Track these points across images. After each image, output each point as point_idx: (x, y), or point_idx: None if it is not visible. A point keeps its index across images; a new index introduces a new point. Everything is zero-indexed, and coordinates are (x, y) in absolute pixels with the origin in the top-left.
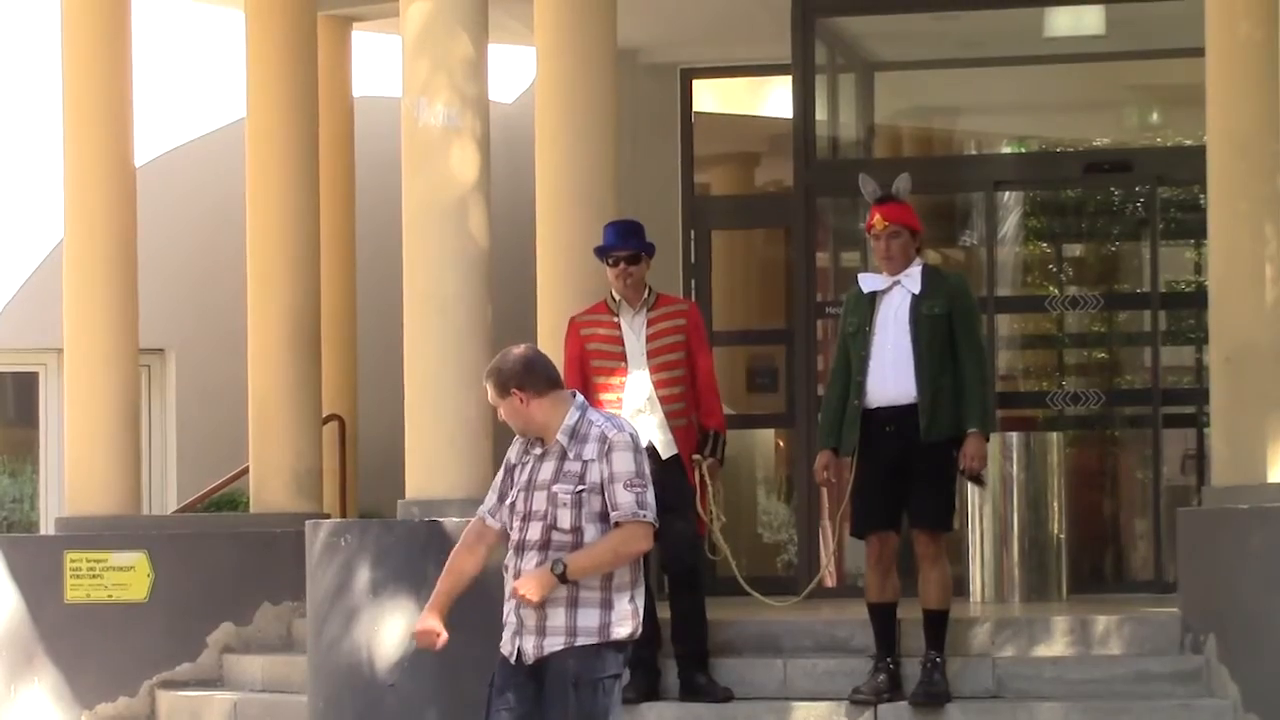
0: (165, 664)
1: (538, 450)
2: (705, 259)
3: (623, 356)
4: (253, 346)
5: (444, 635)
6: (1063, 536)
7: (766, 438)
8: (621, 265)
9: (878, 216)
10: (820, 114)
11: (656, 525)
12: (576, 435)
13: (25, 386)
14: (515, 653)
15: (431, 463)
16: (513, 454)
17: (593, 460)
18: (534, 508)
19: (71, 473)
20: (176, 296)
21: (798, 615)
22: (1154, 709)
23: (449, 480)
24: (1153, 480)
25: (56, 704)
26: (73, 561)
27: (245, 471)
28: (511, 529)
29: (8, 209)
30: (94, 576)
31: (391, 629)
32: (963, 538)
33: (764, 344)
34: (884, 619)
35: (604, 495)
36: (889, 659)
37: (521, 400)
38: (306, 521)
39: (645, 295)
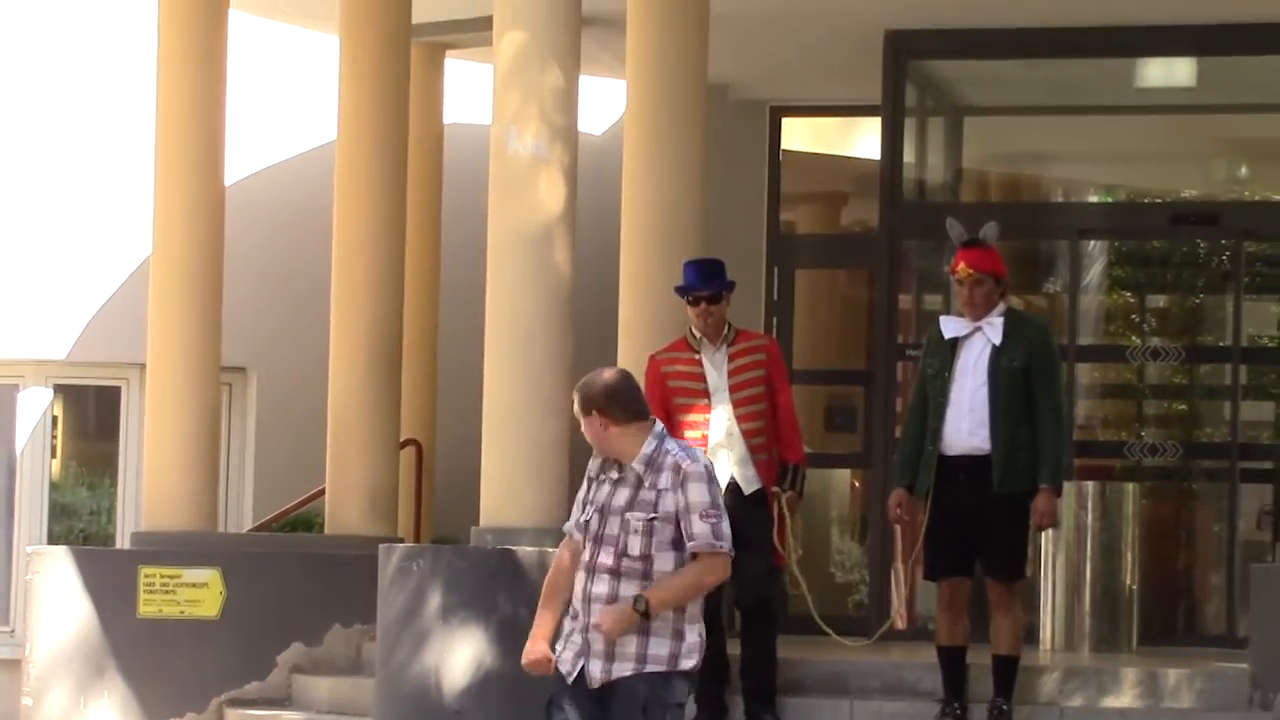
0: (234, 682)
1: (614, 474)
2: (788, 297)
3: (705, 394)
4: (334, 368)
5: (553, 659)
6: (1135, 587)
7: (843, 478)
8: (703, 305)
9: (962, 264)
10: (908, 156)
11: (732, 555)
12: (653, 464)
13: (107, 400)
14: (576, 673)
15: (507, 490)
16: (593, 468)
17: (667, 490)
18: (607, 532)
19: (149, 487)
20: (260, 316)
21: (867, 656)
22: None
23: (524, 508)
24: (1228, 534)
25: (125, 718)
26: (146, 576)
27: (321, 493)
28: (584, 548)
29: (97, 221)
30: (167, 592)
31: (461, 655)
32: (1034, 585)
33: (843, 384)
34: (953, 663)
35: (678, 525)
36: (956, 704)
37: (602, 424)
38: (380, 545)
39: (725, 331)
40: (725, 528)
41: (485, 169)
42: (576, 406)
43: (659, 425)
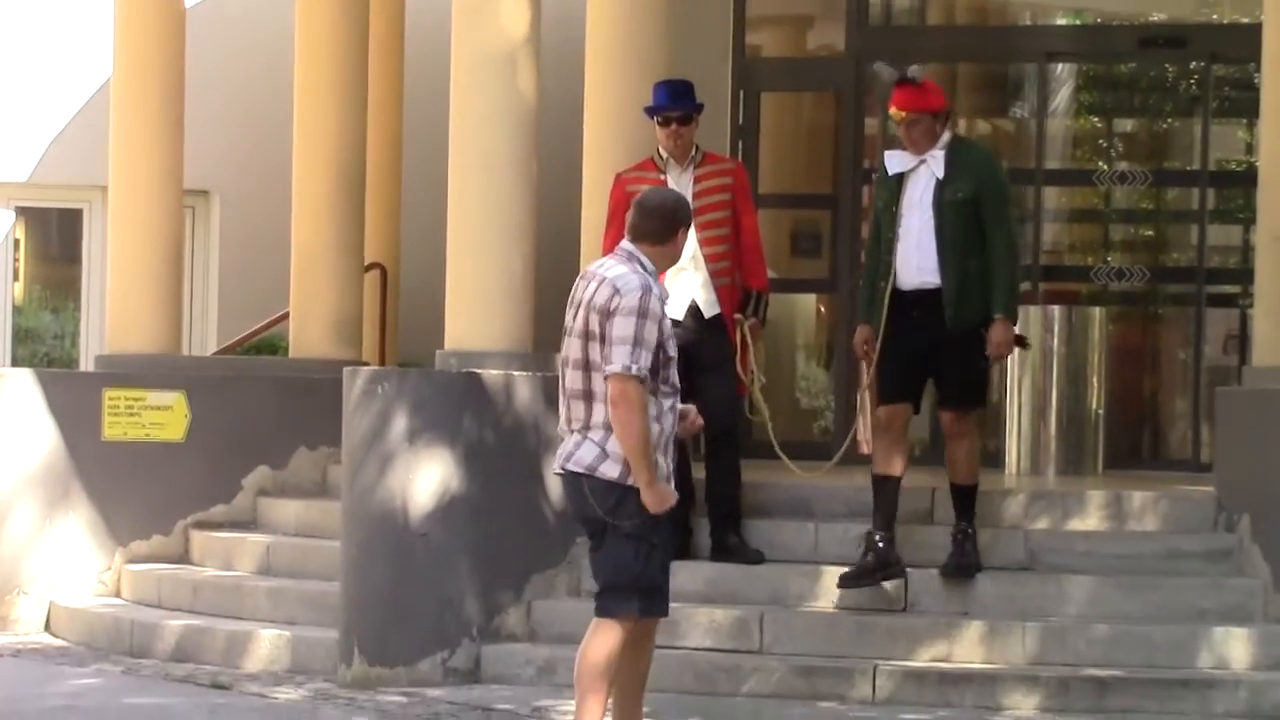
0: (200, 505)
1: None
2: (753, 121)
3: None
4: (297, 193)
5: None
6: (1101, 412)
7: (808, 303)
8: (673, 125)
9: (893, 106)
10: None
11: None
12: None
13: (69, 223)
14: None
15: (472, 315)
16: (659, 308)
17: None
18: (673, 353)
19: (113, 311)
20: (222, 140)
21: (831, 480)
22: (1185, 586)
23: (488, 333)
24: (1194, 359)
25: (91, 540)
26: (111, 399)
27: (285, 316)
28: (676, 379)
29: (57, 42)
30: (132, 415)
31: (427, 478)
32: (1000, 410)
33: (809, 208)
34: (884, 491)
35: None
36: (882, 534)
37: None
38: (345, 368)
39: (693, 154)
40: None
41: None
42: (678, 224)
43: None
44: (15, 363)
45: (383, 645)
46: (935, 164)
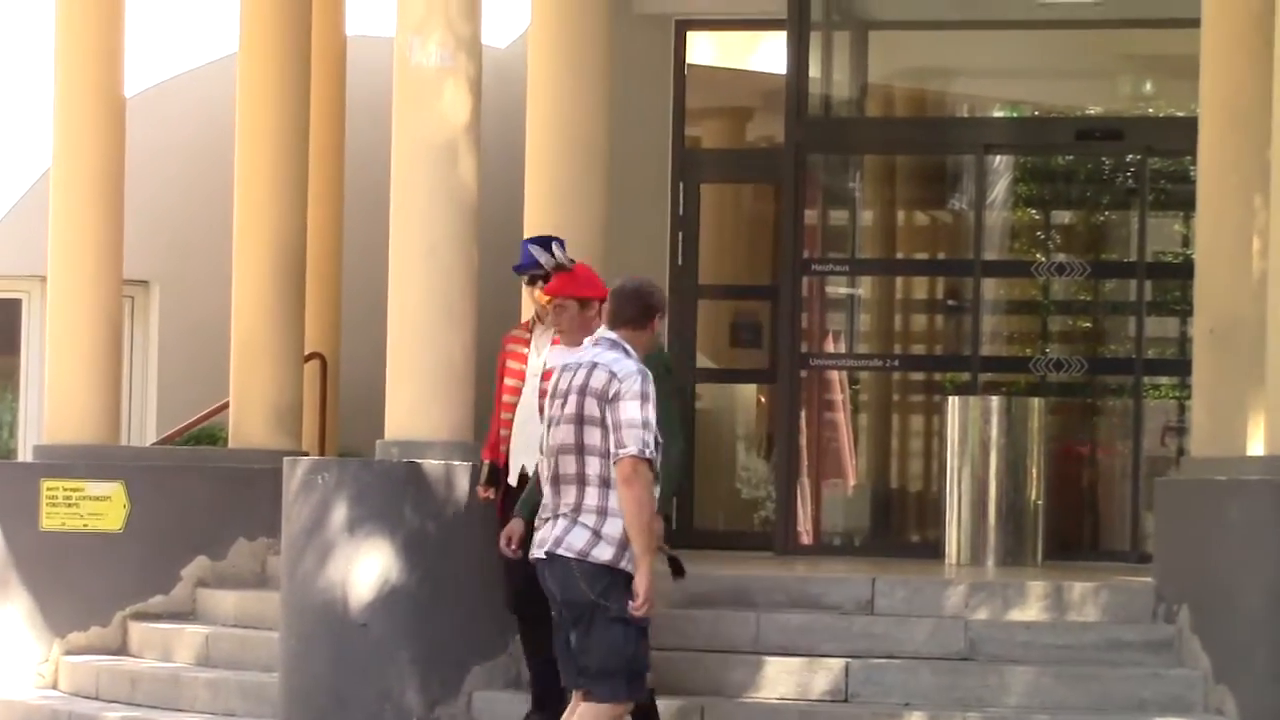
0: (139, 595)
1: None
2: (694, 212)
3: (522, 375)
4: (237, 282)
5: None
6: (1040, 502)
7: (748, 393)
8: (535, 285)
9: (538, 291)
10: (814, 71)
11: None
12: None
13: (8, 313)
14: None
15: (413, 404)
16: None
17: None
18: None
19: (51, 401)
20: (162, 229)
21: (772, 570)
22: (1125, 677)
23: (430, 422)
24: (1132, 450)
25: (30, 630)
26: (49, 489)
27: (225, 406)
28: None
29: None
30: (70, 505)
31: (367, 569)
32: (939, 500)
33: (749, 299)
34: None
35: None
36: None
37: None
38: (284, 458)
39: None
40: None
41: (389, 81)
42: (654, 309)
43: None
44: None
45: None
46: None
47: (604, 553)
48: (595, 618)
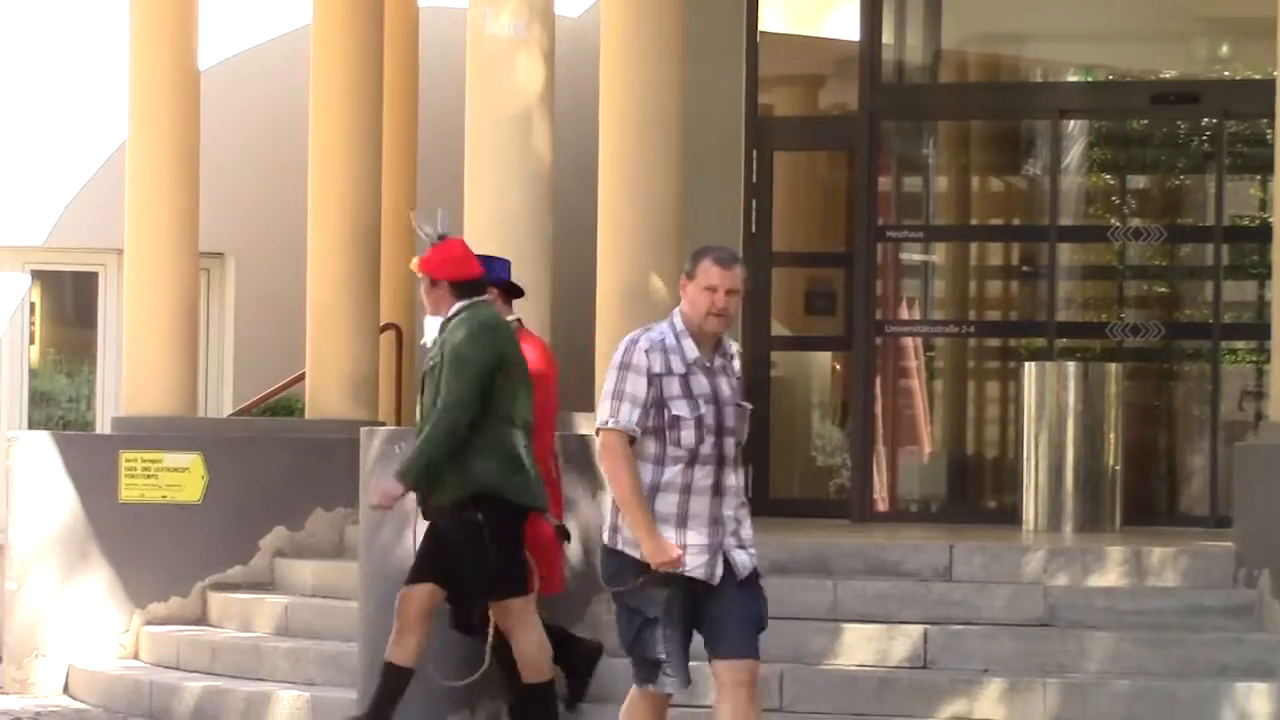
0: (217, 566)
1: (707, 362)
2: (767, 180)
3: None
4: (312, 253)
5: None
6: (1118, 468)
7: (823, 361)
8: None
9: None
10: (887, 37)
11: None
12: (725, 353)
13: (85, 286)
14: (719, 573)
15: None
16: (658, 364)
17: (740, 377)
18: (727, 423)
19: (129, 373)
20: (237, 202)
21: (849, 538)
22: (1205, 642)
23: None
24: (1210, 415)
25: (110, 602)
26: (128, 461)
27: (301, 377)
28: (694, 441)
29: (74, 106)
30: (149, 477)
31: None
32: (1017, 467)
33: (824, 266)
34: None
35: None
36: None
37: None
38: (361, 428)
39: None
40: None
41: (463, 52)
42: (739, 276)
43: None
44: (31, 426)
45: (402, 705)
46: (432, 333)
47: (608, 535)
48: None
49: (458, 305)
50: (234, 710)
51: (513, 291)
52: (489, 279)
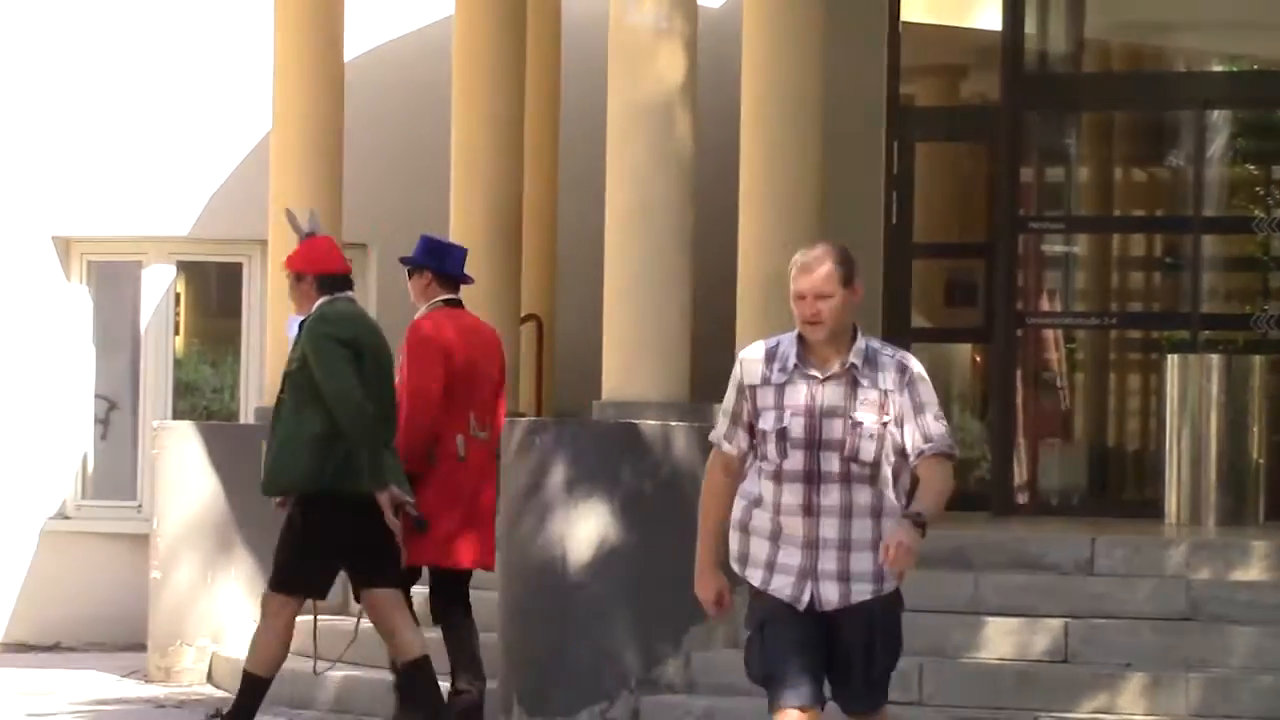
0: None
1: (812, 371)
2: (908, 170)
3: None
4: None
5: (728, 592)
6: (1261, 461)
7: (963, 353)
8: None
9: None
10: (1029, 26)
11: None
12: (871, 361)
13: (229, 277)
14: (805, 599)
15: (629, 364)
16: (754, 375)
17: (893, 391)
18: (827, 436)
19: (272, 364)
20: (380, 193)
21: (989, 530)
22: None
23: (645, 383)
24: None
25: (252, 591)
26: None
27: None
28: (777, 456)
29: (218, 98)
30: None
31: (585, 529)
32: (1159, 459)
33: (964, 258)
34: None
35: (902, 429)
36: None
37: (856, 300)
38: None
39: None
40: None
41: (604, 41)
42: (837, 277)
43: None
44: (175, 416)
45: (541, 697)
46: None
47: None
48: None
49: (319, 302)
50: (373, 699)
51: (457, 277)
52: (424, 262)
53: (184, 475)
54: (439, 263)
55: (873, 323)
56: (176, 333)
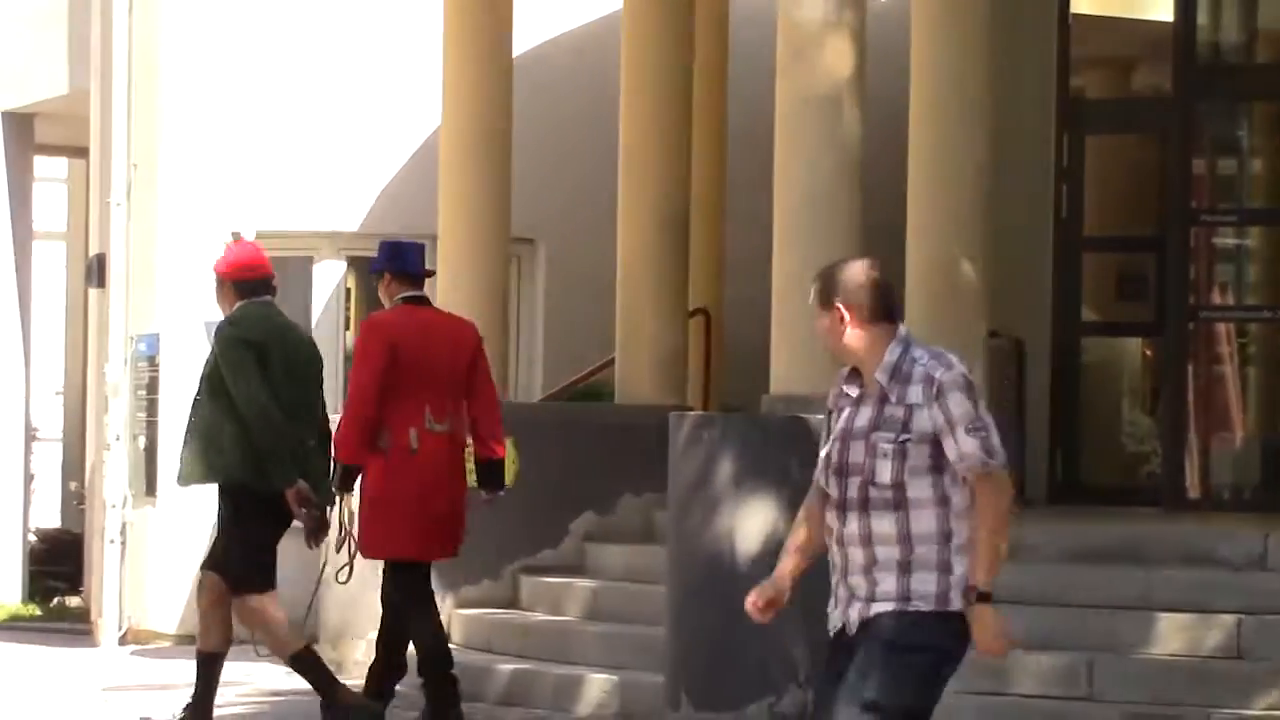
0: (528, 550)
1: (853, 390)
2: (1078, 164)
3: None
4: (622, 237)
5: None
6: None
7: (1133, 346)
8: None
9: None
10: (1201, 17)
11: (1009, 469)
12: (898, 375)
13: None
14: (840, 627)
15: (797, 359)
16: (830, 400)
17: (919, 405)
18: (851, 459)
19: None
20: (548, 187)
21: (1160, 525)
22: None
23: (815, 376)
24: None
25: None
26: None
27: (611, 362)
28: (829, 486)
29: (387, 93)
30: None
31: (753, 523)
32: None
33: (1134, 251)
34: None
35: (936, 445)
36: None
37: (843, 319)
38: (670, 413)
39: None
40: (996, 440)
41: (773, 33)
42: (813, 296)
43: (904, 329)
44: None
45: (709, 690)
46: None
47: None
48: None
49: (237, 305)
50: (544, 693)
51: (415, 274)
52: (381, 265)
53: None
54: (397, 263)
55: (1042, 317)
56: (347, 328)
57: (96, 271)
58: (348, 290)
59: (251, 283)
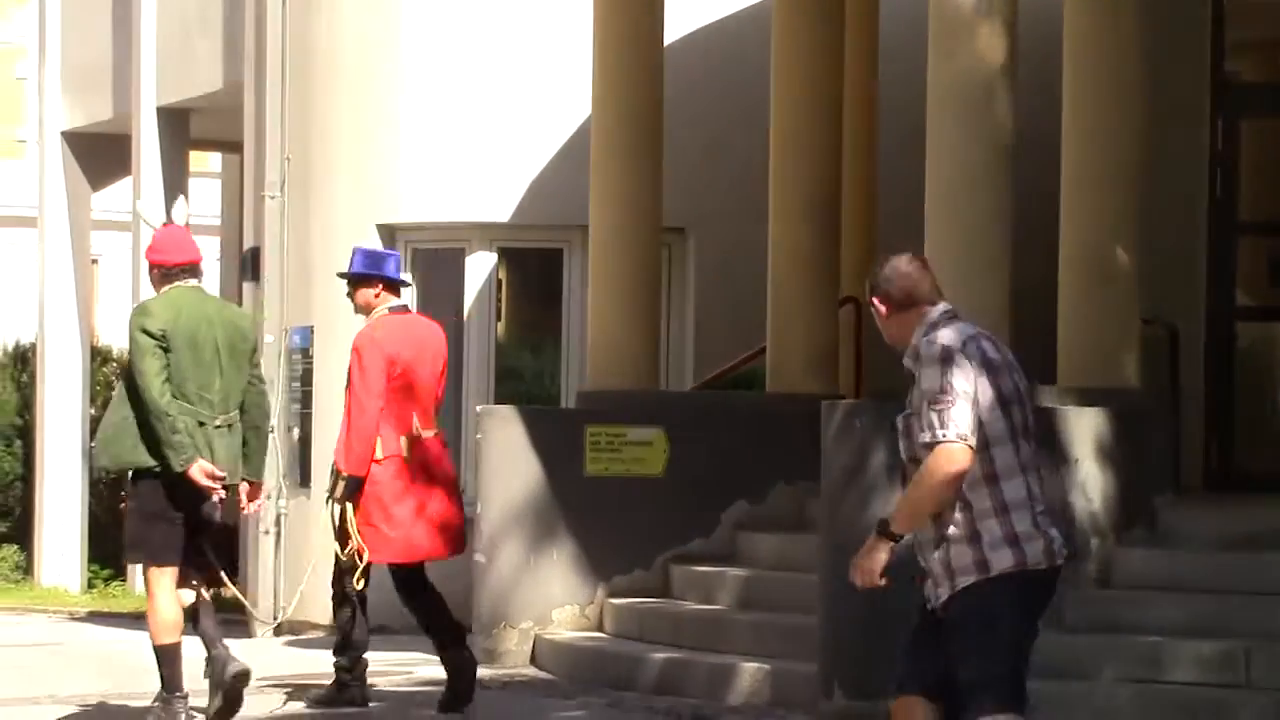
0: (679, 539)
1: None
2: (1232, 147)
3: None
4: (773, 227)
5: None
6: None
7: None
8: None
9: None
10: None
11: (965, 441)
12: (915, 354)
13: (549, 263)
14: (931, 600)
15: None
16: None
17: (918, 380)
18: (900, 441)
19: (593, 348)
20: (698, 177)
21: None
22: None
23: None
24: None
25: (574, 575)
26: (593, 435)
27: (761, 352)
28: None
29: (538, 84)
30: (613, 450)
31: None
32: None
33: None
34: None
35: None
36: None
37: (878, 309)
38: (822, 402)
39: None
40: (954, 414)
41: (924, 22)
42: (869, 285)
43: (938, 308)
44: (497, 400)
45: (861, 679)
46: None
47: None
48: None
49: (161, 290)
50: (696, 681)
51: (401, 282)
52: (375, 273)
53: (506, 460)
54: (388, 272)
55: (1196, 301)
56: (498, 319)
57: (251, 265)
58: (499, 281)
59: (169, 269)
